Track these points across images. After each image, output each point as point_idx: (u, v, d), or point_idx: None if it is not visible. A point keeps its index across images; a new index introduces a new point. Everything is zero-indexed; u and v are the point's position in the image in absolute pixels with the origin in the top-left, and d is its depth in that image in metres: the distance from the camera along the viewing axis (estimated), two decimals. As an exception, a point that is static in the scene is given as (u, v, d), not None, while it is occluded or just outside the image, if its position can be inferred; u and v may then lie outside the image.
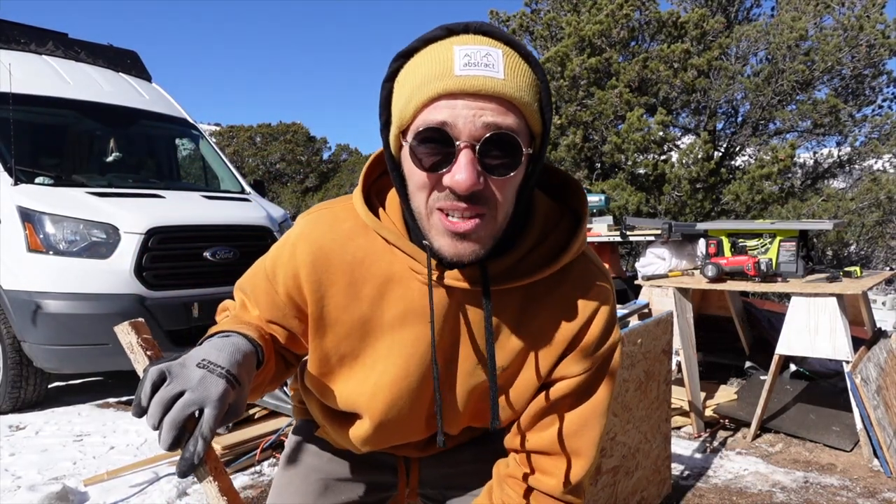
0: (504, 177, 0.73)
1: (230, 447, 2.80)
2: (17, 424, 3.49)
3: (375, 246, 0.87)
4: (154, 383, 0.71)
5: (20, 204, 3.65)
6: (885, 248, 8.06)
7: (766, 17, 8.93)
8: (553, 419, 0.91)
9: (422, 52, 0.74)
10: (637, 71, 7.67)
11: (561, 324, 0.87)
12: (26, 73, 4.30)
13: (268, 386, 0.96)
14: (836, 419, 3.22)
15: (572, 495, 0.93)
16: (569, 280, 0.88)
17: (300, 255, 0.89)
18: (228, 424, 0.78)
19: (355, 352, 0.91)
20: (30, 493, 2.46)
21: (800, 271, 3.26)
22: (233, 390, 0.74)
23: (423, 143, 0.71)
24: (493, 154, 0.71)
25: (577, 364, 0.89)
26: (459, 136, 0.70)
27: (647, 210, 7.48)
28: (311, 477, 1.10)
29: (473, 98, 0.69)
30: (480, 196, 0.72)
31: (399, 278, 0.87)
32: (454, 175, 0.70)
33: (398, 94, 0.75)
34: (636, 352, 2.16)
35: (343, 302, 0.89)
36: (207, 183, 5.31)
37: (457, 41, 0.72)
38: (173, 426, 0.70)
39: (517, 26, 9.34)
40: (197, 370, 0.73)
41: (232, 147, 17.70)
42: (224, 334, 0.83)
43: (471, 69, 0.69)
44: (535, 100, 0.74)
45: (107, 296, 3.57)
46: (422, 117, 0.71)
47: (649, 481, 2.34)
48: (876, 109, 8.19)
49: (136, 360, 0.79)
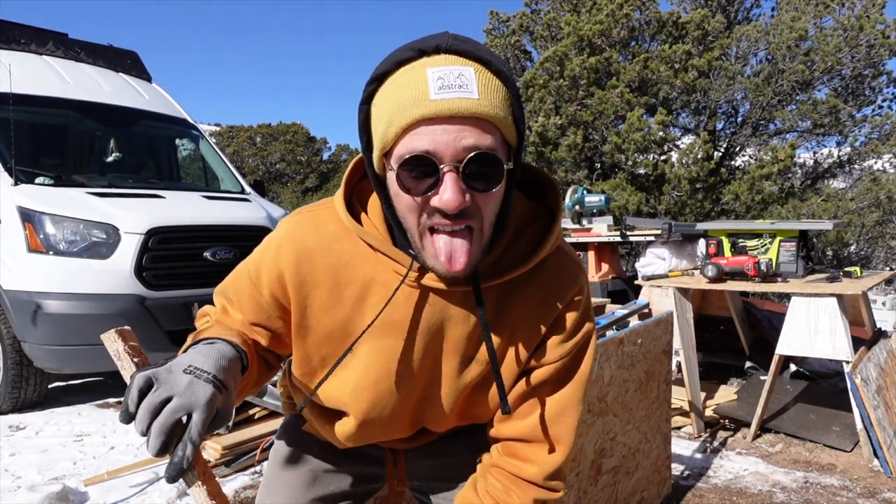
0: (487, 192, 0.76)
1: (230, 447, 2.79)
2: (17, 424, 3.49)
3: (359, 249, 0.89)
4: (141, 389, 0.72)
5: (20, 204, 3.65)
6: (885, 248, 8.06)
7: (766, 17, 8.94)
8: (532, 407, 0.94)
9: (395, 76, 0.75)
10: (637, 71, 7.67)
11: (538, 315, 0.91)
12: (26, 74, 4.30)
13: (250, 389, 0.97)
14: (836, 419, 3.22)
15: (553, 481, 0.96)
16: (544, 273, 0.91)
17: (284, 257, 0.90)
18: (228, 424, 0.79)
19: (336, 353, 0.92)
20: (30, 493, 2.46)
21: (800, 271, 3.26)
22: (220, 395, 0.75)
23: (408, 170, 0.74)
24: (476, 172, 0.74)
25: (554, 352, 0.92)
26: (443, 160, 0.72)
27: (647, 210, 7.48)
28: (300, 469, 1.12)
29: (451, 121, 0.71)
30: (467, 211, 0.76)
31: (383, 281, 0.88)
32: (442, 196, 0.74)
33: (376, 117, 0.76)
34: (636, 352, 2.16)
35: (326, 304, 0.90)
36: (207, 183, 5.31)
37: (429, 63, 0.73)
38: (161, 432, 0.70)
39: (517, 26, 9.34)
40: (184, 376, 0.74)
41: (232, 147, 17.70)
42: (209, 341, 0.84)
43: (445, 92, 0.71)
44: (509, 113, 0.76)
45: (107, 296, 3.57)
46: (403, 144, 0.73)
47: (649, 481, 2.35)
48: (876, 109, 8.20)
49: (123, 367, 0.79)
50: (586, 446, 1.92)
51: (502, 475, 0.96)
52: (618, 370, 2.05)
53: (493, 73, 0.75)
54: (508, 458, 0.96)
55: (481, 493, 0.97)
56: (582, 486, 1.92)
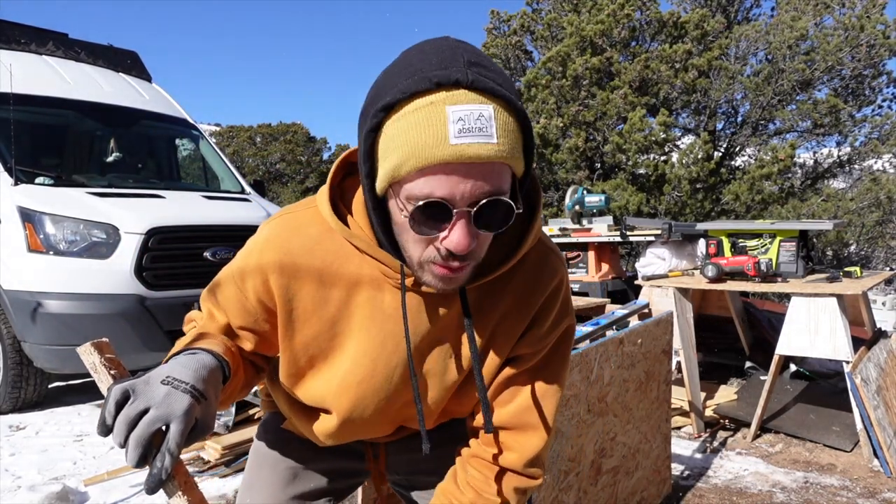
0: (496, 232, 0.77)
1: (230, 447, 2.80)
2: (18, 424, 3.49)
3: (343, 249, 0.89)
4: (118, 401, 0.72)
5: (20, 204, 3.65)
6: (885, 248, 8.06)
7: (765, 17, 8.95)
8: (512, 394, 0.95)
9: (410, 108, 0.71)
10: (638, 71, 7.67)
11: (520, 308, 0.92)
12: (26, 73, 4.30)
13: (239, 394, 0.97)
14: (836, 419, 3.22)
15: (532, 468, 0.96)
16: (526, 267, 0.92)
17: (268, 261, 0.90)
18: (228, 424, 0.78)
19: (324, 353, 0.93)
20: (30, 493, 2.46)
21: (800, 271, 3.26)
22: (198, 405, 0.75)
23: (421, 213, 0.73)
24: (486, 216, 0.74)
25: (535, 342, 0.94)
26: (456, 205, 0.72)
27: (647, 210, 7.48)
28: (279, 466, 1.12)
29: (470, 168, 0.71)
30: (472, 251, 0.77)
31: (369, 280, 0.89)
32: (451, 238, 0.74)
33: (386, 148, 0.74)
34: (636, 352, 2.16)
35: (312, 305, 0.90)
36: (207, 183, 5.31)
37: (448, 100, 0.70)
38: (139, 443, 0.70)
39: (518, 26, 9.34)
40: (161, 387, 0.74)
41: (232, 147, 17.68)
42: (190, 351, 0.83)
43: (465, 136, 0.69)
44: (521, 149, 0.75)
45: (107, 296, 3.56)
46: (417, 184, 0.72)
47: (649, 481, 2.35)
48: (876, 109, 8.21)
49: (100, 379, 0.79)
50: (586, 446, 1.92)
51: (482, 465, 0.97)
52: (618, 370, 2.05)
53: (510, 110, 0.73)
54: (488, 447, 0.97)
55: (461, 485, 0.97)
56: (582, 486, 1.92)
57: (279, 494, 1.10)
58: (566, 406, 1.81)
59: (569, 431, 1.83)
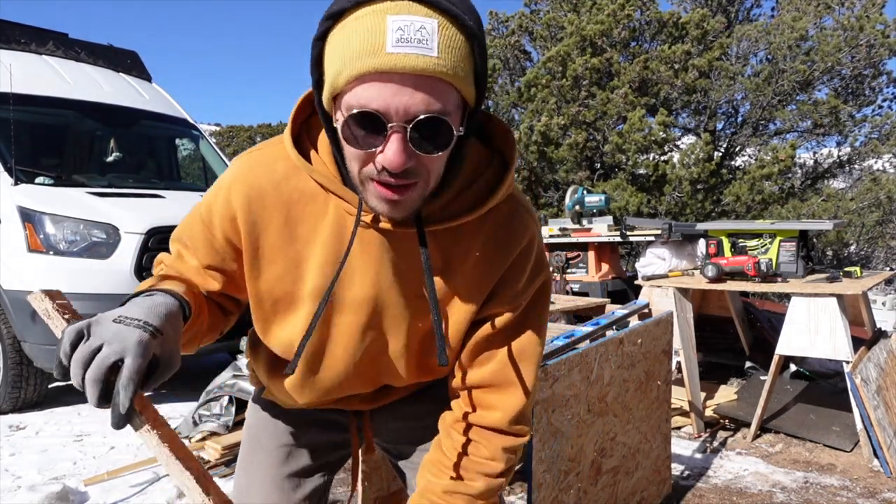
0: (433, 155, 0.74)
1: (230, 447, 2.79)
2: (17, 424, 3.49)
3: (309, 187, 0.88)
4: (73, 342, 0.72)
5: (20, 204, 3.65)
6: (885, 248, 8.06)
7: (766, 17, 8.95)
8: (491, 353, 0.94)
9: (353, 16, 0.70)
10: (638, 71, 7.67)
11: (489, 262, 0.91)
12: (26, 73, 4.30)
13: (205, 335, 0.97)
14: (836, 419, 3.22)
15: (518, 425, 0.96)
16: (496, 220, 0.90)
17: (235, 197, 0.89)
18: (228, 424, 0.78)
19: (290, 294, 0.92)
20: (30, 493, 2.46)
21: (800, 271, 3.26)
22: (154, 340, 0.74)
23: (356, 124, 0.72)
24: (424, 135, 0.72)
25: (511, 299, 0.93)
26: (391, 119, 0.70)
27: (647, 211, 7.48)
28: (270, 446, 1.13)
29: (405, 79, 0.69)
30: (411, 170, 0.74)
31: (334, 218, 0.88)
32: (386, 154, 0.72)
33: (329, 57, 0.73)
34: (636, 352, 2.16)
35: (278, 242, 0.89)
36: (207, 183, 5.31)
37: (390, 9, 0.69)
38: (96, 381, 0.70)
39: (516, 26, 9.34)
40: (112, 325, 0.74)
41: (232, 147, 17.70)
42: (146, 294, 0.83)
43: (403, 46, 0.67)
44: (470, 71, 0.73)
45: (107, 296, 3.56)
46: (354, 94, 0.71)
47: (649, 481, 2.35)
48: (876, 109, 8.20)
49: (55, 325, 0.79)
50: (586, 446, 1.92)
51: (466, 427, 0.96)
52: (618, 370, 2.05)
53: (459, 28, 0.71)
54: (470, 409, 0.96)
55: (447, 451, 0.96)
56: (582, 486, 1.92)
57: (275, 474, 1.10)
58: (566, 406, 1.81)
59: (569, 431, 1.83)
